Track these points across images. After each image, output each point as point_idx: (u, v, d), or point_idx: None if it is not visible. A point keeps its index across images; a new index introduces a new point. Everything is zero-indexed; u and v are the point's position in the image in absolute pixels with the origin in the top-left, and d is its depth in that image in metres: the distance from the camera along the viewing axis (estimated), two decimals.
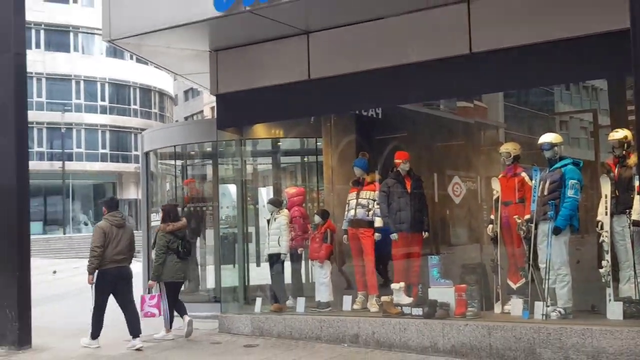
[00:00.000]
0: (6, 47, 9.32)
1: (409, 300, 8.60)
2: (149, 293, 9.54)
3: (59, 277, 9.84)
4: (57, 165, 46.03)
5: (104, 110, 50.17)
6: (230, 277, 10.69)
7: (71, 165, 47.00)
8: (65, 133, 46.89)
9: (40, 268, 21.20)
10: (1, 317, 9.05)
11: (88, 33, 48.40)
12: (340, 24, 8.93)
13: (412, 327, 8.03)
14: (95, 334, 8.87)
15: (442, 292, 8.23)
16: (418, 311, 8.21)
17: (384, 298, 8.73)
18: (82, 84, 49.32)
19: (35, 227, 43.73)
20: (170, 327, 9.44)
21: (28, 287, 9.24)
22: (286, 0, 7.90)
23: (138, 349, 8.65)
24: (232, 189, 11.39)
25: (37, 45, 47.30)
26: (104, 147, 50.07)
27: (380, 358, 7.88)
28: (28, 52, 9.93)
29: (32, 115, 45.09)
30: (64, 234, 45.69)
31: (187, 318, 9.37)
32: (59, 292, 12.78)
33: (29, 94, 46.87)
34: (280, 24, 8.86)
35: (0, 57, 9.35)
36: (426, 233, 8.89)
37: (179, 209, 10.70)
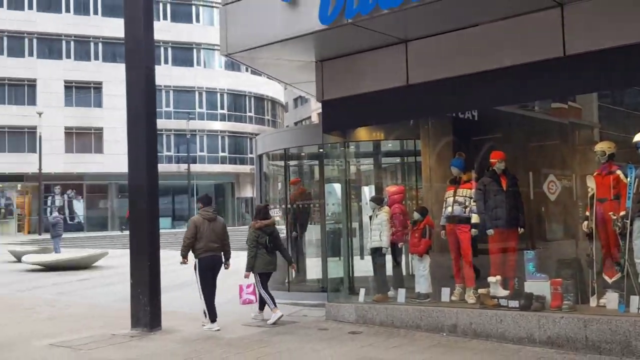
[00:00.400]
0: (138, 63, 9.73)
1: (505, 292, 8.39)
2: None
3: (185, 267, 10.21)
4: (183, 167, 47.80)
5: (223, 118, 51.73)
6: (336, 268, 10.76)
7: (195, 167, 48.70)
8: (190, 139, 48.60)
9: (169, 259, 22.08)
10: (136, 302, 9.46)
11: (209, 49, 49.98)
12: (437, 32, 8.83)
13: (508, 319, 7.84)
14: (212, 318, 9.32)
15: (538, 286, 7.99)
16: (514, 303, 8.01)
17: (481, 290, 8.57)
18: (204, 94, 51.05)
19: (165, 222, 45.61)
20: (262, 309, 9.89)
21: (158, 276, 9.62)
22: (385, 12, 7.88)
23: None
24: (337, 187, 11.47)
25: (165, 61, 49.31)
26: (223, 150, 51.64)
27: (478, 347, 7.72)
28: (157, 67, 10.33)
29: (161, 124, 47.05)
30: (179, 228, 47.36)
31: (262, 314, 9.90)
32: (185, 280, 13.25)
33: (158, 105, 49.16)
34: (380, 34, 8.85)
35: (133, 72, 9.77)
36: (522, 229, 8.67)
37: (284, 206, 10.90)
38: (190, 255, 9.45)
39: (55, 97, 46.21)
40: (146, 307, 9.33)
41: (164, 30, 48.04)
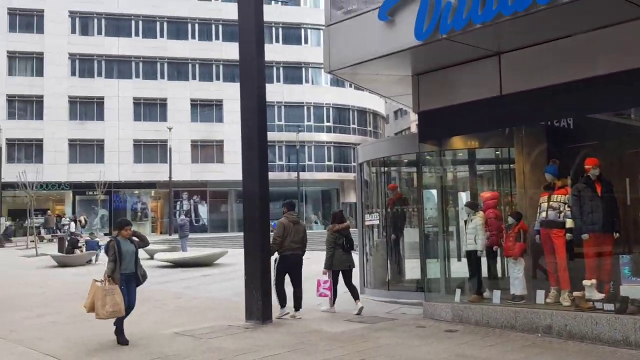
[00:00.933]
0: (251, 82, 9.93)
1: (600, 296, 7.85)
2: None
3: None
4: (293, 175, 48.54)
5: (329, 130, 52.15)
6: (433, 269, 10.49)
7: (304, 175, 49.35)
8: (299, 149, 49.33)
9: None
10: (249, 297, 9.61)
11: (316, 67, 50.54)
12: (529, 44, 8.44)
13: (603, 321, 7.34)
14: (282, 304, 9.91)
15: (634, 290, 7.45)
16: (609, 306, 7.51)
17: (576, 293, 8.07)
18: (311, 109, 51.69)
19: None
20: (333, 302, 10.32)
21: (268, 272, 9.72)
22: (478, 26, 7.61)
23: (292, 316, 9.77)
24: (434, 193, 11.19)
25: (278, 80, 50.34)
26: (329, 159, 52.04)
27: (572, 348, 7.27)
28: (269, 85, 10.53)
29: (274, 136, 48.10)
30: None
31: (359, 303, 10.05)
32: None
33: (271, 119, 50.06)
34: (473, 48, 8.56)
35: (247, 90, 9.97)
36: (617, 234, 8.08)
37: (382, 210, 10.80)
38: None
39: (182, 114, 48.28)
40: (258, 302, 9.45)
41: (277, 51, 49.10)
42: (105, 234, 42.52)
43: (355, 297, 10.20)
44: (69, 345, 8.14)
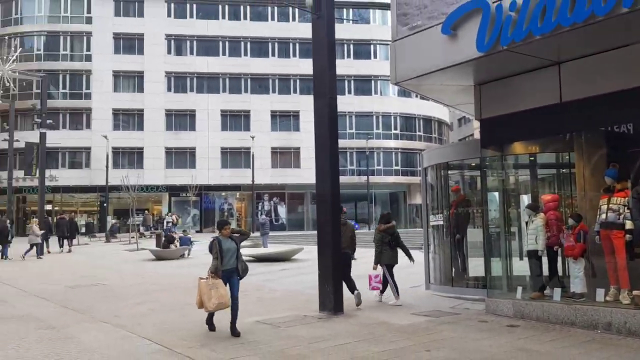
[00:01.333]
0: (323, 94, 10.00)
1: None
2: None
3: (363, 262, 10.45)
4: (363, 179, 48.46)
5: (396, 137, 51.74)
6: (495, 267, 10.19)
7: (373, 179, 49.16)
8: (369, 155, 49.20)
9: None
10: (322, 290, 9.65)
11: (384, 80, 50.29)
12: (588, 54, 8.07)
13: None
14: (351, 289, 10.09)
15: None
16: None
17: (635, 292, 7.64)
18: (380, 118, 51.45)
19: None
20: (398, 294, 10.36)
21: (340, 267, 9.73)
22: (538, 38, 7.36)
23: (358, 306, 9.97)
24: (497, 195, 10.87)
25: (349, 92, 50.45)
26: (396, 164, 51.63)
27: (632, 345, 6.89)
28: (341, 97, 10.57)
29: (345, 143, 48.19)
30: (369, 229, 47.79)
31: (356, 292, 10.06)
32: (361, 273, 13.24)
33: (342, 127, 50.15)
34: (533, 58, 8.28)
35: (320, 102, 10.04)
36: None
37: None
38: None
39: (264, 124, 49.25)
40: (330, 295, 9.48)
41: (348, 66, 49.18)
42: (197, 232, 43.87)
43: (354, 289, 10.14)
44: (163, 331, 8.43)
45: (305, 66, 47.60)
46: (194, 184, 43.05)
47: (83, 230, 41.22)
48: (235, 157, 48.81)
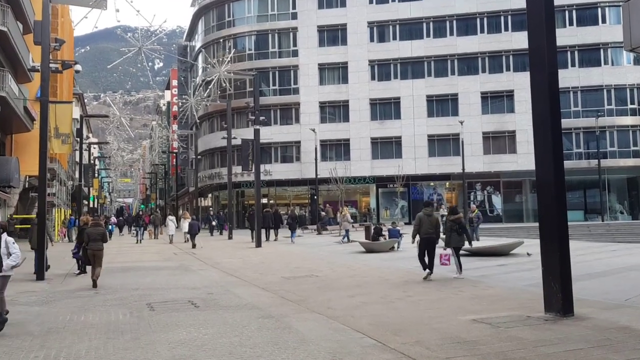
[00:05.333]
0: (541, 68, 9.38)
1: None
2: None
3: (598, 258, 9.48)
4: (593, 163, 44.69)
5: (633, 113, 46.60)
6: None
7: (605, 162, 45.04)
8: (599, 135, 45.09)
9: (580, 250, 20.76)
10: (548, 288, 9.08)
11: (615, 47, 45.62)
12: None
13: None
14: (424, 268, 13.67)
15: None
16: None
17: None
18: (612, 91, 46.81)
19: (576, 215, 43.15)
20: (461, 271, 13.86)
21: (568, 264, 9.07)
22: None
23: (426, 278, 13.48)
24: None
25: (572, 64, 46.71)
26: (634, 145, 46.49)
27: None
28: (563, 71, 9.84)
29: (570, 122, 44.80)
30: (602, 221, 43.85)
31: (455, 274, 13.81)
32: (597, 270, 12.23)
33: (566, 105, 46.92)
34: None
35: (537, 77, 9.43)
36: None
37: None
38: None
39: (473, 108, 48.03)
40: (557, 294, 8.89)
41: (570, 35, 45.59)
42: (405, 224, 44.51)
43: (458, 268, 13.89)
44: (375, 324, 8.69)
45: (518, 40, 45.37)
46: (401, 174, 43.68)
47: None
48: (443, 144, 48.42)
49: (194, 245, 28.07)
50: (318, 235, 35.63)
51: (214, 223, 41.44)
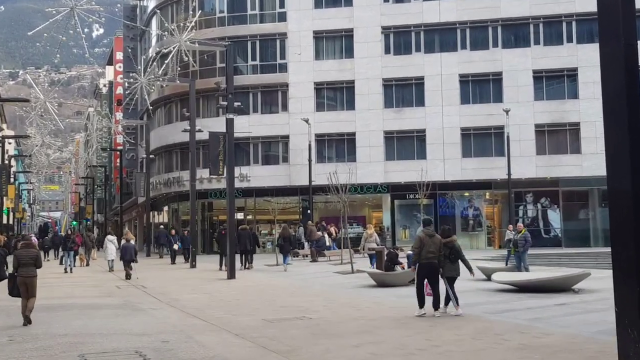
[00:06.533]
0: (613, 38, 9.40)
1: None
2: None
3: None
4: None
5: None
6: None
7: None
8: None
9: None
10: (623, 336, 9.07)
11: None
12: None
13: None
14: (420, 305, 14.87)
15: None
16: None
17: None
18: None
19: None
20: (458, 305, 14.93)
21: None
22: None
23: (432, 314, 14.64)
24: None
25: None
26: None
27: None
28: None
29: None
30: None
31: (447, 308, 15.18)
32: None
33: None
34: None
35: (608, 50, 9.46)
36: None
37: None
38: None
39: (522, 91, 47.88)
40: (637, 344, 8.89)
41: None
42: None
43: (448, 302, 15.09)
44: None
45: (583, 1, 45.36)
46: (425, 181, 43.64)
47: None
48: (482, 141, 48.30)
49: (128, 276, 28.63)
50: (312, 262, 35.62)
51: (175, 247, 40.64)
